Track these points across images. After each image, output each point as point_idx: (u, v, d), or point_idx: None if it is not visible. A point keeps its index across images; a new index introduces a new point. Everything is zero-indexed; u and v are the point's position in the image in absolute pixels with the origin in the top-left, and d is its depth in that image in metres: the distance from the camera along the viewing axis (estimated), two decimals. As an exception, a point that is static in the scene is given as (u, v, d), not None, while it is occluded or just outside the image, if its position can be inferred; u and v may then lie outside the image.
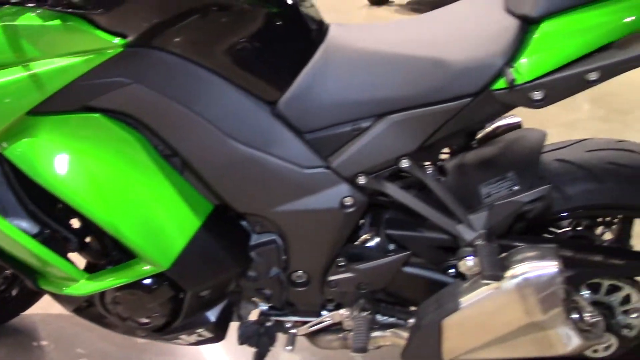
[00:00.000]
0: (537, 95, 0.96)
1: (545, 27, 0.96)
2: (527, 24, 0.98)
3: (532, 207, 1.06)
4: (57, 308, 1.29)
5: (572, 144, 1.21)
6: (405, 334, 1.20)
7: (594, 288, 1.23)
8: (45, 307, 1.66)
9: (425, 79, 1.02)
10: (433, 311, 1.12)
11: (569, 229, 1.28)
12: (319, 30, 1.11)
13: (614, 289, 1.23)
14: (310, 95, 1.06)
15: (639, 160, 1.15)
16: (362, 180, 1.09)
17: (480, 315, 1.08)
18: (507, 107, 1.04)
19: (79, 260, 1.22)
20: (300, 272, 1.19)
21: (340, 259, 1.17)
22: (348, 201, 1.10)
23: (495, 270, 1.01)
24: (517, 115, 1.40)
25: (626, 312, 1.25)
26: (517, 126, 1.39)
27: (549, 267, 1.02)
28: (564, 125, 3.44)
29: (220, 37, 1.00)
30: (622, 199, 1.14)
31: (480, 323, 1.08)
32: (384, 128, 1.05)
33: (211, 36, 1.00)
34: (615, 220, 1.27)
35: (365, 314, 1.19)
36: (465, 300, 1.07)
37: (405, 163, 1.07)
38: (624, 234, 1.27)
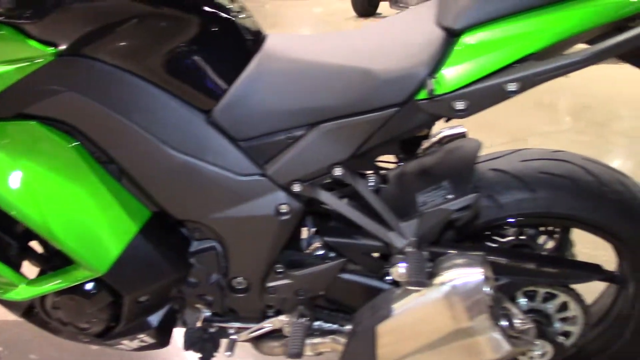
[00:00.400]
0: (460, 105, 0.98)
1: (466, 38, 0.98)
2: (451, 36, 1.00)
3: (461, 215, 1.08)
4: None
5: (508, 154, 1.23)
6: (344, 340, 1.21)
7: (531, 296, 1.24)
8: (3, 314, 1.66)
9: (354, 89, 1.04)
10: (368, 317, 1.14)
11: (512, 237, 1.30)
12: (255, 40, 1.13)
13: (550, 297, 1.24)
14: (244, 105, 1.08)
15: (573, 170, 1.17)
16: (297, 187, 1.11)
17: (412, 321, 1.09)
18: (435, 117, 1.06)
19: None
20: (240, 279, 1.21)
21: (278, 265, 1.19)
22: (284, 208, 1.12)
23: (421, 277, 1.03)
24: (463, 126, 1.43)
25: (564, 320, 1.26)
26: (462, 136, 1.42)
27: (475, 275, 1.04)
28: (542, 136, 3.47)
29: (152, 46, 1.02)
30: (554, 208, 1.15)
31: (412, 329, 1.10)
32: (316, 137, 1.07)
33: (143, 45, 1.02)
34: (558, 229, 1.29)
35: (303, 320, 1.20)
36: (398, 307, 1.09)
37: (338, 171, 1.09)
38: (563, 242, 1.29)
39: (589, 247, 1.39)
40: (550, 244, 1.31)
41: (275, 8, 7.75)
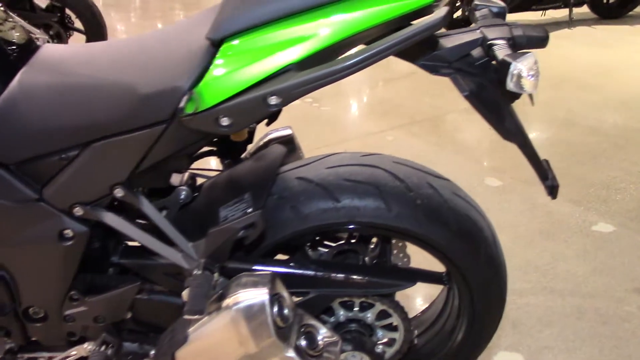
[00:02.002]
0: (224, 121, 0.92)
1: (226, 49, 0.91)
2: (213, 47, 0.93)
3: (248, 233, 1.03)
4: None
5: (316, 161, 1.17)
6: (153, 365, 1.15)
7: (348, 306, 1.20)
8: None
9: (120, 105, 0.96)
10: (167, 343, 1.07)
11: (343, 242, 1.27)
12: (22, 52, 1.03)
13: (368, 306, 1.20)
14: (9, 125, 0.98)
15: (379, 176, 1.13)
16: (79, 211, 1.03)
17: (206, 347, 1.03)
18: (208, 133, 0.99)
19: None
20: (35, 308, 1.13)
21: (73, 292, 1.11)
22: (68, 233, 1.04)
23: (199, 303, 0.97)
24: (289, 127, 1.37)
25: (386, 328, 1.23)
26: (288, 138, 1.36)
27: (259, 296, 0.98)
28: (458, 113, 3.47)
29: None
30: (358, 217, 1.11)
31: (207, 355, 1.04)
32: (91, 157, 1.00)
33: None
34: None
35: (102, 349, 1.13)
36: (192, 331, 1.03)
37: (119, 192, 1.02)
38: (383, 250, 1.25)
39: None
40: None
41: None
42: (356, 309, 1.21)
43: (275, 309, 1.00)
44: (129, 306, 1.14)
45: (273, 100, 0.89)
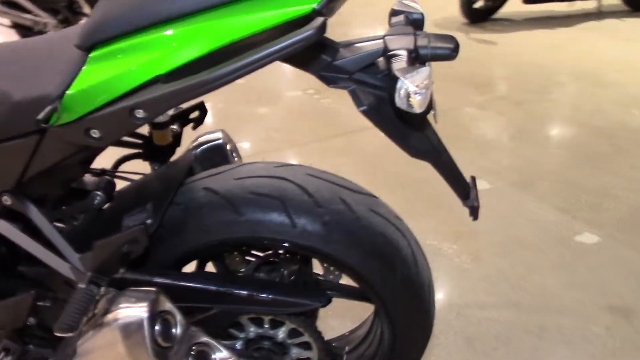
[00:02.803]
0: (94, 133, 0.87)
1: (95, 58, 0.87)
2: (83, 55, 0.88)
3: (131, 248, 0.99)
4: None
5: (227, 170, 1.12)
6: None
7: (258, 322, 1.16)
8: None
9: None
10: (60, 354, 1.05)
11: (270, 252, 1.22)
12: None
13: (279, 323, 1.15)
14: None
15: (287, 189, 1.07)
16: None
17: (90, 362, 1.00)
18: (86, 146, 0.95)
19: None
20: None
21: (-30, 300, 1.10)
22: None
23: (69, 321, 0.94)
24: (220, 130, 1.32)
25: (303, 347, 1.18)
26: (218, 144, 1.32)
27: (137, 313, 0.94)
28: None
29: None
30: (260, 232, 1.05)
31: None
32: None
33: None
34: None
35: (2, 355, 1.11)
36: (79, 346, 1.00)
37: (7, 200, 0.99)
38: (304, 265, 1.20)
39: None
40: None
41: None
42: (266, 325, 1.16)
43: (158, 327, 0.95)
44: (27, 313, 1.11)
45: (139, 114, 0.84)
